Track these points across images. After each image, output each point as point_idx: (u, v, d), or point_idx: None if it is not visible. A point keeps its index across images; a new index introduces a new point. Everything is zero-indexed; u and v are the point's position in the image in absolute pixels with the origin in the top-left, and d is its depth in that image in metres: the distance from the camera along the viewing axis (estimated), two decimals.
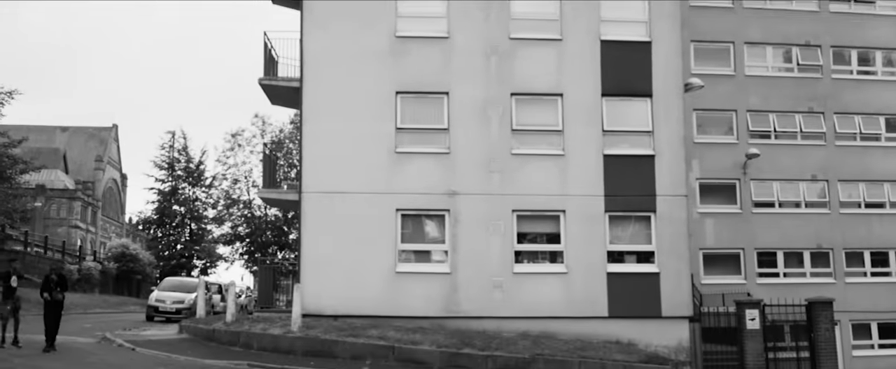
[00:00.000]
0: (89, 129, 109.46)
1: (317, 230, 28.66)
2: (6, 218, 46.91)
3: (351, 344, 24.95)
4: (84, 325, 22.02)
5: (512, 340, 25.93)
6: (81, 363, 21.48)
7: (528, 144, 29.36)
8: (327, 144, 28.86)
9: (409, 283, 28.33)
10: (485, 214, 28.69)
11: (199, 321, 31.65)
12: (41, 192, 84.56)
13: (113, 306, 55.85)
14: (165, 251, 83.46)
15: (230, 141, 77.46)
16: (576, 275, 28.61)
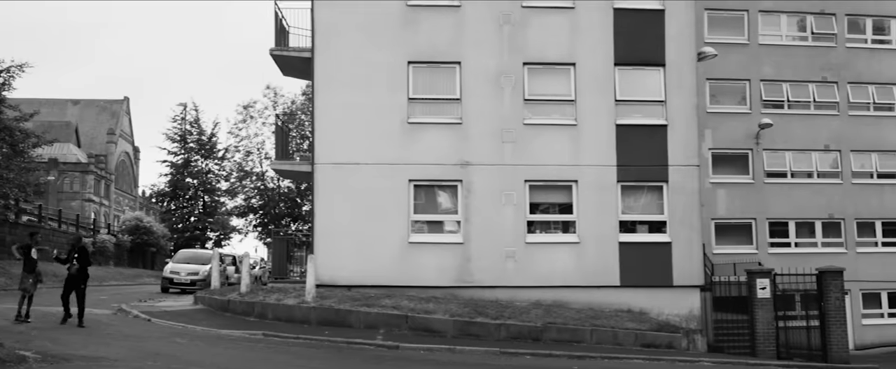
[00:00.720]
0: (101, 102, 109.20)
1: (330, 201, 28.75)
2: (20, 191, 46.98)
3: (365, 313, 25.14)
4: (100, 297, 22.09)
5: (524, 309, 26.08)
6: (98, 334, 21.63)
7: (541, 114, 29.36)
8: (339, 115, 28.89)
9: (422, 254, 28.43)
10: (497, 185, 28.74)
11: (213, 292, 31.83)
12: (54, 166, 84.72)
13: (128, 278, 56.11)
14: (179, 223, 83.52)
15: (242, 113, 77.53)
16: (588, 244, 28.68)
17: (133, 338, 21.80)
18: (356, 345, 22.41)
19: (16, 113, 46.10)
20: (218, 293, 31.14)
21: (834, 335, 28.05)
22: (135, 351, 18.90)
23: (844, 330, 28.67)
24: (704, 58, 32.86)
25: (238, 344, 21.93)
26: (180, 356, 18.60)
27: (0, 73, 45.41)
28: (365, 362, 19.37)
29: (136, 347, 19.85)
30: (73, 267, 23.41)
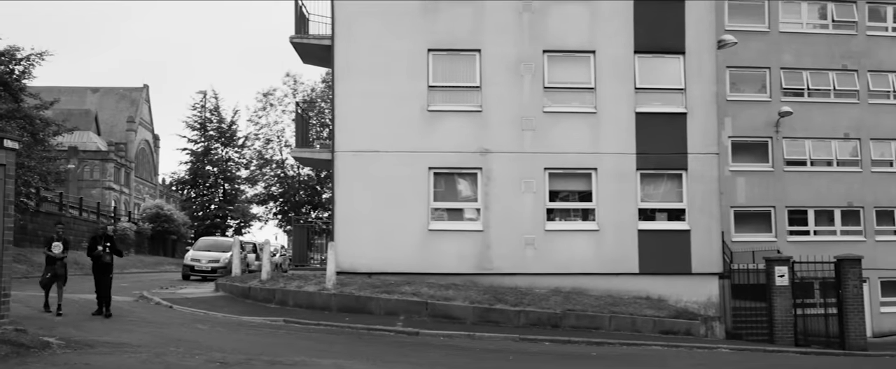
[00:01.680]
0: (120, 90, 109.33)
1: (350, 189, 28.85)
2: (41, 180, 47.21)
3: (385, 300, 25.30)
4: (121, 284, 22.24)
5: (543, 296, 26.18)
6: (121, 320, 21.82)
7: (561, 102, 29.38)
8: (359, 103, 28.96)
9: (441, 241, 28.53)
10: (517, 172, 28.80)
11: (234, 279, 32.02)
12: (74, 154, 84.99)
13: (149, 266, 56.41)
14: (199, 211, 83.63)
15: (262, 100, 77.69)
16: (607, 232, 28.75)
17: (155, 325, 21.99)
18: (376, 332, 22.57)
19: (36, 101, 46.32)
20: (239, 280, 31.33)
21: (852, 322, 28.10)
22: (157, 337, 19.09)
23: (862, 317, 28.70)
24: (724, 45, 32.83)
25: (259, 330, 22.12)
26: (202, 342, 18.78)
27: (20, 62, 45.65)
28: (385, 348, 19.52)
29: (159, 333, 20.04)
30: (107, 255, 23.05)
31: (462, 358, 18.29)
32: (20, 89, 45.41)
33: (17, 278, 28.52)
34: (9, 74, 45.04)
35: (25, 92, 45.91)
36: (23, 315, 20.69)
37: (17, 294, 22.67)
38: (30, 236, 48.22)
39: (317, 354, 17.29)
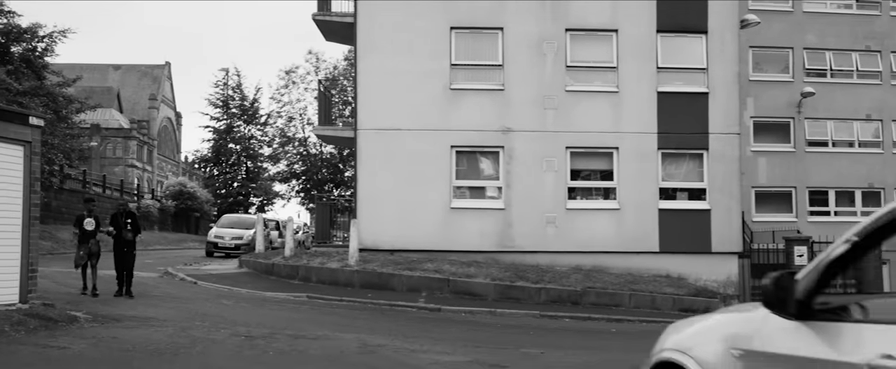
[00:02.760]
0: (142, 67, 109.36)
1: (372, 166, 29.00)
2: (65, 157, 47.52)
3: (407, 277, 25.50)
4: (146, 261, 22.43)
5: (564, 274, 26.33)
6: (146, 296, 22.09)
7: (583, 81, 29.43)
8: (382, 81, 29.07)
9: (463, 219, 28.68)
10: (539, 151, 28.89)
11: (258, 256, 32.32)
12: (97, 132, 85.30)
13: (172, 243, 56.82)
14: (222, 189, 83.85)
15: (284, 78, 77.86)
16: (628, 211, 28.86)
17: (180, 300, 22.26)
18: (399, 308, 22.78)
19: (58, 78, 46.58)
20: (262, 257, 31.63)
21: None
22: (182, 312, 19.35)
23: None
24: (747, 25, 32.82)
25: (283, 305, 22.36)
26: (227, 316, 19.03)
27: (42, 39, 45.91)
28: (408, 323, 19.71)
29: (184, 308, 20.30)
30: (128, 232, 22.36)
31: (483, 333, 18.48)
32: (43, 67, 45.70)
33: (43, 255, 28.85)
34: (31, 52, 45.32)
35: (48, 69, 46.20)
36: (50, 290, 20.97)
37: (44, 270, 22.96)
38: (54, 213, 48.61)
39: (339, 329, 17.50)
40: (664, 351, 6.07)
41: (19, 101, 38.81)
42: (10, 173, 16.60)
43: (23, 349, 12.98)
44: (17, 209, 16.83)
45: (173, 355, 12.95)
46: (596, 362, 14.28)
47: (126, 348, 13.44)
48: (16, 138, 16.74)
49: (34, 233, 17.43)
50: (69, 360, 12.12)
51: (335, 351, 14.02)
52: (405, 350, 14.67)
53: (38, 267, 17.90)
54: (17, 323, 15.17)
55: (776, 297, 5.06)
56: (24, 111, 19.97)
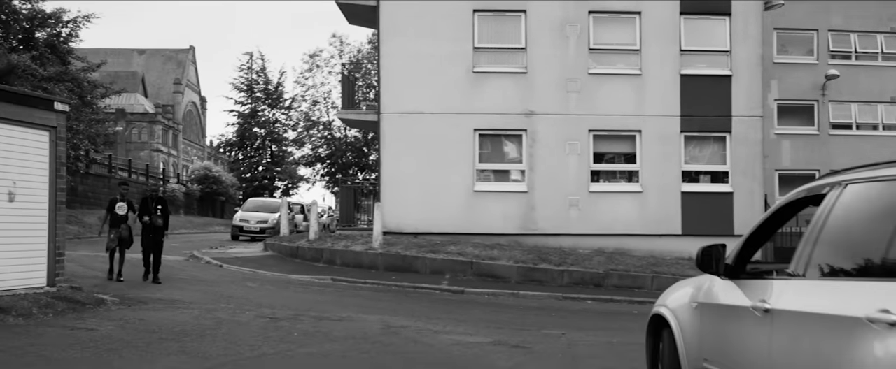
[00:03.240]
0: (166, 52, 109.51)
1: (396, 150, 29.10)
2: (90, 142, 47.78)
3: (431, 259, 25.64)
4: (172, 245, 22.59)
5: (587, 256, 26.40)
6: (172, 279, 22.27)
7: (606, 64, 29.44)
8: (405, 64, 29.15)
9: (486, 202, 28.78)
10: (562, 134, 28.92)
11: (283, 239, 32.49)
12: (122, 116, 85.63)
13: (198, 227, 57.13)
14: (247, 173, 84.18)
15: (308, 62, 78.11)
16: (650, 194, 28.90)
17: (206, 283, 22.48)
18: (422, 290, 22.95)
19: (83, 63, 46.77)
20: (287, 240, 31.80)
21: None
22: (208, 295, 19.55)
23: None
24: (772, 7, 32.68)
25: (308, 287, 22.55)
26: (252, 298, 19.22)
27: (67, 24, 46.13)
28: (431, 305, 19.85)
29: (209, 291, 20.51)
30: (158, 218, 21.94)
31: (506, 314, 18.59)
32: (67, 52, 45.91)
33: (70, 239, 29.11)
34: (56, 37, 45.55)
35: (72, 54, 46.38)
36: (78, 274, 21.17)
37: (71, 254, 23.18)
38: (81, 198, 48.96)
39: (363, 310, 17.66)
40: (655, 308, 8.36)
41: (44, 87, 39.06)
42: (36, 158, 16.80)
43: (51, 331, 13.18)
44: (44, 194, 17.04)
45: (199, 336, 13.13)
46: (617, 343, 14.38)
47: (152, 329, 13.63)
48: (41, 124, 16.93)
49: (61, 218, 17.63)
50: (97, 341, 12.31)
51: (359, 332, 14.18)
52: (428, 331, 14.82)
53: (65, 251, 18.11)
54: (46, 305, 15.39)
55: (704, 263, 7.14)
56: (49, 96, 20.17)
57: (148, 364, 10.79)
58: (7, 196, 15.97)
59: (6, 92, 17.27)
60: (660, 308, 8.23)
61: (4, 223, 15.85)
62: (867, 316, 4.59)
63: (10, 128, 16.08)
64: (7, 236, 15.89)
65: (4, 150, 15.88)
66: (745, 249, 7.10)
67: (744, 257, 7.08)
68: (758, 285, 6.44)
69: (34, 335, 12.69)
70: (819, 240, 5.86)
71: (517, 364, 11.86)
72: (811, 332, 5.32)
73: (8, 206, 16.00)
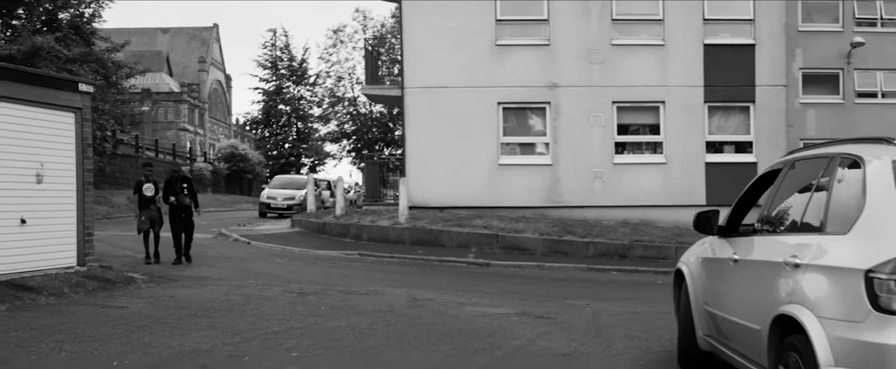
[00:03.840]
0: (190, 30, 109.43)
1: (420, 125, 29.21)
2: (116, 123, 48.03)
3: (456, 233, 25.79)
4: (200, 223, 22.72)
5: (612, 228, 26.46)
6: (201, 256, 22.47)
7: (629, 34, 29.37)
8: (428, 39, 29.17)
9: (511, 175, 28.86)
10: (585, 106, 28.93)
11: (310, 215, 32.75)
12: (148, 96, 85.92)
13: (225, 205, 57.47)
14: (273, 150, 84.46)
15: (332, 37, 78.23)
16: (674, 165, 28.91)
17: (234, 260, 22.72)
18: (448, 263, 23.11)
19: (107, 44, 46.97)
20: (314, 216, 32.06)
21: None
22: (236, 271, 19.77)
23: None
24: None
25: (335, 263, 22.75)
26: (280, 274, 19.42)
27: (89, 4, 46.32)
28: (457, 278, 19.99)
29: (238, 267, 20.74)
30: (185, 197, 21.42)
31: (531, 286, 18.72)
32: (91, 33, 46.13)
33: (100, 219, 29.46)
34: (79, 17, 45.78)
35: (96, 35, 46.61)
36: (107, 253, 21.42)
37: (101, 234, 23.45)
38: (108, 178, 49.28)
39: (390, 284, 17.83)
40: (678, 264, 10.15)
41: (69, 68, 39.31)
42: (62, 140, 17.02)
43: (82, 309, 13.39)
44: (71, 175, 17.26)
45: (228, 311, 13.32)
46: (640, 312, 14.50)
47: (182, 306, 13.83)
48: (66, 105, 17.13)
49: (89, 198, 17.86)
50: (128, 319, 12.51)
51: (385, 306, 14.34)
52: (454, 303, 14.96)
53: (94, 231, 18.35)
54: (76, 284, 15.62)
55: (699, 225, 8.98)
56: (74, 78, 20.37)
57: (178, 339, 10.97)
58: (35, 178, 16.20)
59: (31, 74, 17.47)
60: (680, 264, 10.05)
61: (33, 205, 16.09)
62: (784, 261, 6.65)
63: (36, 110, 16.29)
64: (36, 217, 16.13)
65: (31, 133, 16.09)
66: (734, 213, 8.87)
67: (734, 220, 8.79)
68: (736, 242, 8.29)
69: (66, 313, 12.90)
70: (771, 206, 8.00)
71: (541, 333, 11.99)
72: (756, 273, 7.41)
73: (36, 188, 16.23)
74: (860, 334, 5.60)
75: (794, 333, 6.27)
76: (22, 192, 15.83)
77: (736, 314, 7.83)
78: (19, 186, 15.80)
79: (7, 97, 15.50)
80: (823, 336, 5.87)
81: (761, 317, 6.97)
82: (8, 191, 15.50)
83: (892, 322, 5.46)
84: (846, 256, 5.92)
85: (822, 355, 5.81)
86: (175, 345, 10.56)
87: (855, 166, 6.50)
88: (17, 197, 15.71)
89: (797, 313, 6.20)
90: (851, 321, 5.69)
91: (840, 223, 6.27)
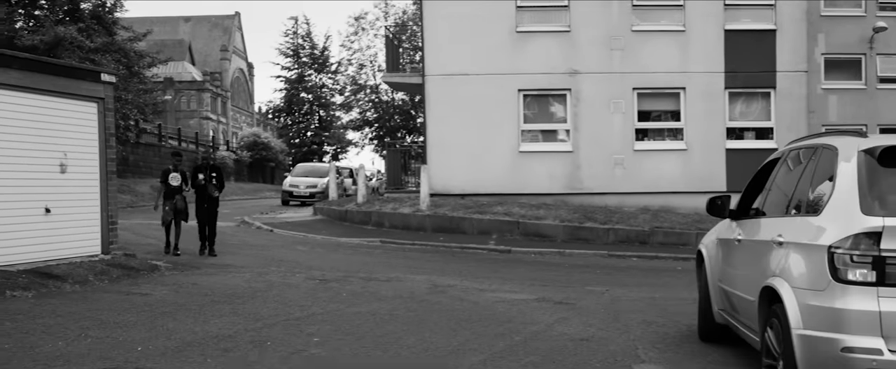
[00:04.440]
0: (212, 18, 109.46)
1: (441, 112, 29.30)
2: (139, 112, 48.25)
3: (477, 220, 25.89)
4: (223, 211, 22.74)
5: (632, 214, 26.52)
6: (224, 244, 22.56)
7: (649, 20, 29.34)
8: (448, 26, 29.27)
9: (532, 162, 28.93)
10: (606, 93, 28.96)
11: (332, 203, 32.91)
12: (170, 85, 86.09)
13: (248, 193, 57.70)
14: (296, 138, 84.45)
15: (354, 24, 77.72)
16: (695, 151, 28.92)
17: (257, 247, 22.88)
18: (469, 250, 23.21)
19: (129, 33, 47.15)
20: (336, 204, 32.20)
21: None
22: (259, 259, 19.92)
23: None
24: None
25: (356, 250, 22.89)
26: (302, 261, 19.57)
27: None
28: (478, 264, 20.10)
29: (260, 255, 20.89)
30: (213, 187, 20.56)
31: (551, 272, 18.81)
32: (113, 22, 46.28)
33: (123, 208, 29.64)
34: (101, 7, 45.92)
35: (118, 24, 46.78)
36: (131, 242, 21.62)
37: (124, 223, 23.65)
38: (132, 167, 49.58)
39: (411, 271, 17.96)
40: (699, 245, 11.30)
41: (92, 58, 39.54)
42: (85, 130, 17.20)
43: (107, 296, 13.56)
44: (94, 164, 17.44)
45: (251, 298, 13.48)
46: (659, 298, 14.60)
47: (205, 293, 13.99)
48: (89, 95, 17.31)
49: (112, 187, 18.04)
50: (151, 305, 12.67)
51: (406, 292, 14.47)
52: (474, 289, 15.09)
53: (117, 219, 18.53)
54: (101, 272, 15.80)
55: (711, 209, 9.99)
56: (96, 68, 20.53)
57: (201, 325, 11.13)
58: (59, 167, 16.38)
59: (54, 65, 17.65)
60: (700, 246, 11.16)
61: (57, 194, 16.28)
62: (772, 239, 7.67)
63: (59, 100, 16.47)
64: (60, 206, 16.32)
65: (54, 123, 16.28)
66: (744, 198, 9.66)
67: (744, 204, 9.60)
68: (743, 224, 9.23)
69: (90, 301, 13.07)
70: (769, 192, 8.93)
71: (559, 319, 12.10)
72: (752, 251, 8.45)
73: (60, 177, 16.43)
74: (822, 301, 6.53)
75: (777, 302, 7.19)
76: (46, 182, 16.03)
77: (739, 288, 8.88)
78: (43, 176, 16.00)
79: (30, 88, 15.68)
80: (795, 303, 6.85)
81: (754, 290, 8.00)
82: (32, 180, 15.70)
83: (848, 290, 6.38)
84: (816, 234, 6.82)
85: (794, 319, 6.78)
86: (198, 331, 10.73)
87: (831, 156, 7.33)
88: (42, 186, 15.91)
89: (777, 284, 7.23)
90: (817, 290, 6.62)
91: (816, 206, 7.19)
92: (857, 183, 6.73)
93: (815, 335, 6.56)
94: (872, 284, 6.32)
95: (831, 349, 6.42)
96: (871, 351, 6.28)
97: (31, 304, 12.57)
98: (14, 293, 13.27)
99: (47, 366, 8.80)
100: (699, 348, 10.28)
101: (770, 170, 9.33)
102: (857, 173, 6.80)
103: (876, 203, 6.57)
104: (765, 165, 9.57)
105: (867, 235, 6.37)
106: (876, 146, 6.93)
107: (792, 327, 6.77)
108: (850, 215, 6.56)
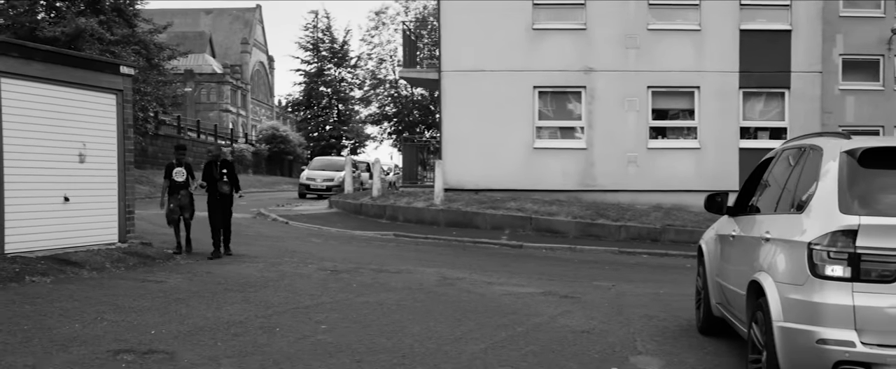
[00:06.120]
0: (233, 11, 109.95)
1: (456, 108, 29.49)
2: (158, 104, 48.59)
3: (491, 215, 26.10)
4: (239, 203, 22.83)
5: (644, 212, 26.68)
6: (239, 235, 22.80)
7: (665, 19, 29.44)
8: (465, 22, 29.44)
9: (546, 158, 29.12)
10: (620, 91, 29.08)
11: (347, 196, 33.12)
12: (190, 77, 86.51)
13: (266, 185, 57.98)
14: (314, 132, 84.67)
15: (374, 19, 77.99)
16: (708, 150, 29.04)
17: (272, 239, 23.16)
18: (482, 244, 23.43)
19: (149, 25, 47.44)
20: (351, 197, 32.43)
21: None
22: (273, 250, 20.20)
23: None
24: None
25: (370, 243, 23.15)
26: (315, 253, 19.83)
27: None
28: (488, 259, 20.31)
29: (275, 246, 21.17)
30: (224, 184, 19.17)
31: (560, 268, 19.01)
32: (134, 14, 46.58)
33: (140, 198, 30.00)
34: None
35: (138, 17, 47.07)
36: (148, 231, 21.88)
37: (141, 213, 23.93)
38: (151, 159, 50.02)
39: (422, 264, 18.21)
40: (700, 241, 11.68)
41: (112, 51, 39.91)
42: (104, 121, 17.55)
43: (123, 283, 13.89)
44: (113, 155, 17.79)
45: (263, 287, 13.79)
46: (663, 293, 14.83)
47: (218, 281, 14.31)
48: (108, 87, 17.65)
49: (129, 178, 18.39)
50: (166, 292, 12.99)
51: (415, 284, 14.74)
52: (482, 282, 15.35)
53: (134, 209, 18.86)
54: (117, 260, 16.14)
55: (709, 205, 10.29)
56: (115, 61, 20.85)
57: (213, 311, 11.44)
58: (78, 157, 16.73)
59: (74, 57, 17.98)
60: (701, 241, 11.64)
61: (76, 183, 16.64)
62: (761, 236, 8.08)
63: (79, 92, 16.81)
64: (79, 195, 16.67)
65: (74, 114, 16.62)
66: (741, 196, 10.00)
67: (741, 201, 9.93)
68: (739, 220, 9.59)
69: (107, 287, 13.40)
70: (762, 189, 9.27)
71: (563, 312, 12.35)
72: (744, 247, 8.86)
73: (79, 167, 16.78)
74: (802, 295, 6.92)
75: (762, 296, 7.55)
76: (65, 171, 16.38)
77: (732, 282, 9.28)
78: (62, 165, 16.35)
79: (51, 79, 16.02)
80: (777, 296, 7.25)
81: (743, 283, 8.38)
82: (52, 169, 16.05)
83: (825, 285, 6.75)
84: (798, 231, 7.18)
85: (775, 312, 7.18)
86: (210, 317, 11.04)
87: (817, 156, 7.68)
88: (61, 175, 16.27)
89: (762, 279, 7.65)
90: (797, 284, 7.01)
91: (802, 204, 7.50)
92: (838, 183, 7.04)
93: (794, 327, 6.93)
94: (848, 280, 6.67)
95: (808, 341, 6.78)
96: (844, 343, 6.62)
97: (50, 289, 12.91)
98: (33, 278, 13.62)
99: (64, 347, 9.12)
100: (697, 341, 10.54)
101: (766, 168, 9.63)
102: (838, 173, 7.12)
103: (855, 202, 6.90)
104: (762, 163, 9.86)
105: (844, 233, 6.71)
106: (857, 148, 7.25)
107: (773, 319, 7.15)
108: (829, 213, 6.91)
